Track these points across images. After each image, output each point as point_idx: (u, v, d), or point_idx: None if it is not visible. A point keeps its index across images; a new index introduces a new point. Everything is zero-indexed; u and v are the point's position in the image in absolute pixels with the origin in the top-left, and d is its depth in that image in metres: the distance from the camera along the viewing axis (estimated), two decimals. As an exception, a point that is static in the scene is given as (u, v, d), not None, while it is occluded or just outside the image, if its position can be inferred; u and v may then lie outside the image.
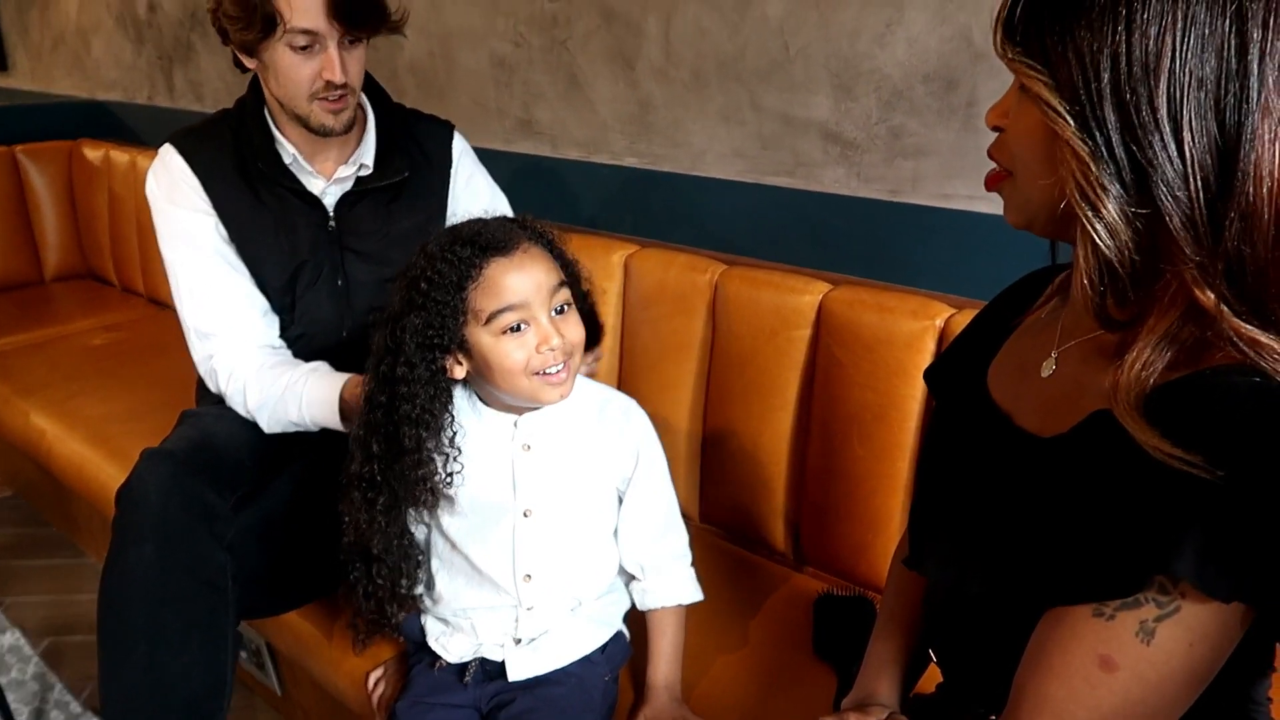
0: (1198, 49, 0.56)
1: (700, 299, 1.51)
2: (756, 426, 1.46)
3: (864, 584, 1.38)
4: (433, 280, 0.98)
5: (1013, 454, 0.73)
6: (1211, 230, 0.57)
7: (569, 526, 1.11)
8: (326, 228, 1.44)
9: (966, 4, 1.33)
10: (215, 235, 1.39)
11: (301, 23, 1.25)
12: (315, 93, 1.31)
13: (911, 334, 1.28)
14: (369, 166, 1.44)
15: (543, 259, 1.02)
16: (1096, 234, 0.59)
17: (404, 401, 1.01)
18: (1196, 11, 0.56)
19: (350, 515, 1.08)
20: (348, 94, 1.33)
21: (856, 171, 1.53)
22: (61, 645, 1.96)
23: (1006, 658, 0.67)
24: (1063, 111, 0.60)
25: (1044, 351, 0.75)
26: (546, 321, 1.00)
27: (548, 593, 1.12)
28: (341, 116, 1.34)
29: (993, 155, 0.72)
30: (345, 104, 1.34)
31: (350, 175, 1.43)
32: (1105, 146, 0.59)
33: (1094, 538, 0.60)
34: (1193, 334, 0.59)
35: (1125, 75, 0.57)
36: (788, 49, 1.54)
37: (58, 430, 1.99)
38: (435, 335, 0.99)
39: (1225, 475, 0.54)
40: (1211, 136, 0.57)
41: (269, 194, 1.40)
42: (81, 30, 3.35)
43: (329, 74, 1.28)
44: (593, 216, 1.92)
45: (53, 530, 2.39)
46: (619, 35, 1.77)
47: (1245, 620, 0.59)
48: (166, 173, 1.40)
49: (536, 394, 1.03)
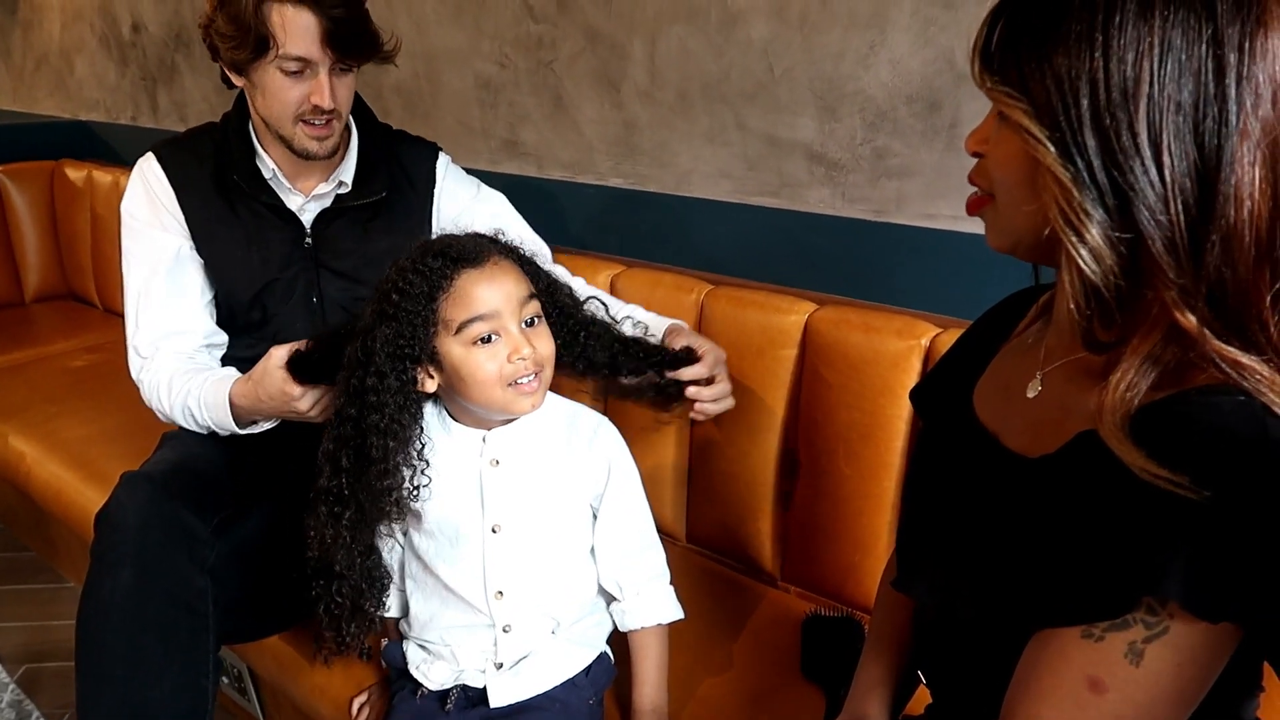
0: (1175, 74, 0.57)
1: (686, 319, 1.51)
2: (743, 446, 1.46)
3: (852, 604, 1.37)
4: (404, 291, 0.99)
5: (1000, 475, 0.73)
6: (1193, 253, 0.58)
7: (539, 542, 1.10)
8: (303, 244, 1.43)
9: (949, 26, 1.34)
10: (177, 253, 1.39)
11: (295, 49, 1.25)
12: (301, 115, 1.31)
13: (897, 353, 1.28)
14: (348, 185, 1.43)
15: (513, 271, 1.03)
16: (1081, 259, 0.60)
17: (373, 411, 1.01)
18: (1173, 37, 0.57)
19: (316, 530, 1.07)
20: (334, 119, 1.33)
21: (841, 192, 1.53)
22: (39, 672, 1.92)
23: (996, 679, 0.67)
24: (1043, 138, 0.60)
25: (1029, 372, 0.75)
26: (517, 332, 1.01)
27: (522, 611, 1.10)
28: (326, 143, 1.34)
29: (973, 180, 0.72)
30: (331, 130, 1.34)
31: (329, 192, 1.43)
32: (1087, 172, 0.59)
33: (1082, 559, 0.60)
34: (1175, 355, 0.60)
35: (1104, 101, 0.58)
36: (772, 71, 1.55)
37: (37, 453, 1.97)
38: (406, 345, 0.99)
39: (1211, 495, 0.54)
40: (1191, 160, 0.57)
41: (245, 208, 1.40)
42: (65, 50, 3.34)
43: (318, 99, 1.29)
44: (579, 237, 1.93)
45: (31, 555, 2.35)
46: (604, 57, 1.78)
47: (1234, 640, 0.59)
48: (143, 182, 1.41)
49: (509, 405, 1.03)
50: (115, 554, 1.16)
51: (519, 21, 1.90)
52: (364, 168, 1.45)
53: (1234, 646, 0.59)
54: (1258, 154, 0.57)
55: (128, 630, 1.15)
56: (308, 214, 1.43)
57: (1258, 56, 0.56)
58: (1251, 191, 0.57)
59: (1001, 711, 0.66)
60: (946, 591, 0.75)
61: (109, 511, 1.19)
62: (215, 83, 1.41)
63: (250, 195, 1.39)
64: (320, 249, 1.44)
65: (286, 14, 1.23)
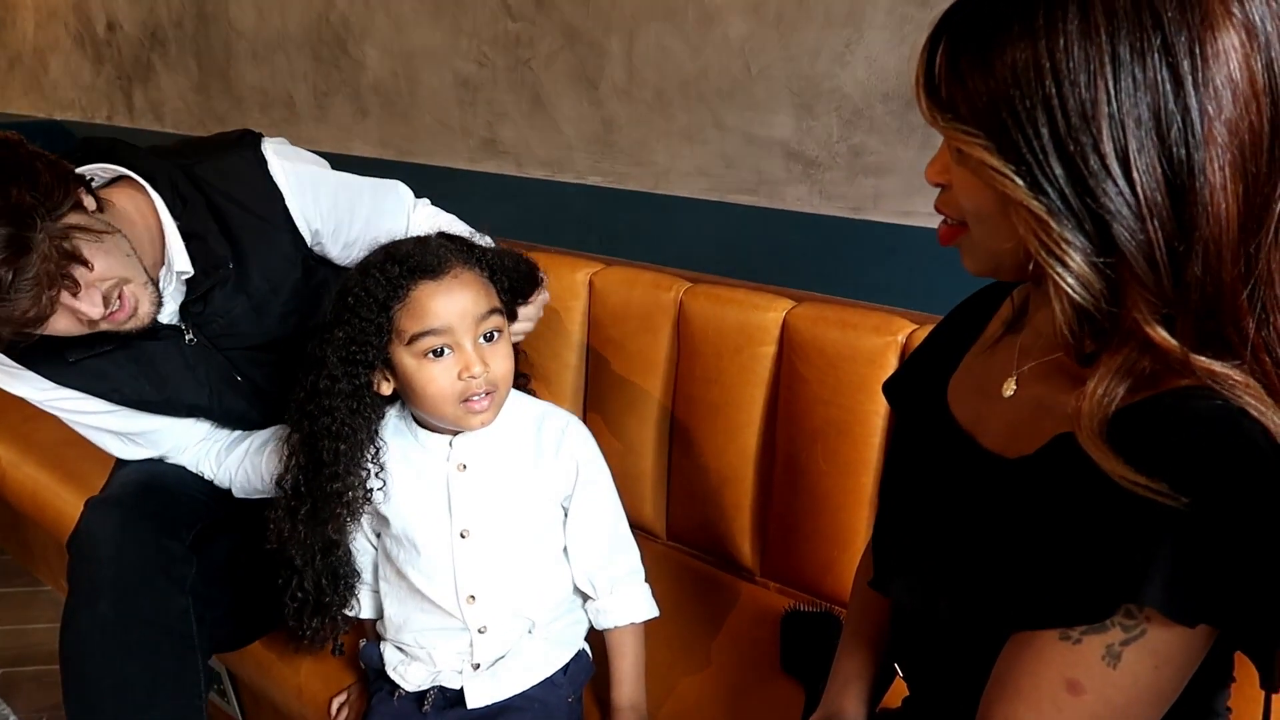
0: (1131, 89, 0.55)
1: (665, 317, 1.52)
2: (722, 443, 1.47)
3: (830, 599, 1.38)
4: (359, 296, 0.98)
5: (977, 475, 0.73)
6: (1173, 266, 0.57)
7: (509, 547, 1.10)
8: (184, 342, 1.24)
9: (924, 24, 1.34)
10: (82, 404, 1.25)
11: None
12: None
13: (874, 350, 1.29)
14: (189, 268, 1.19)
15: (474, 285, 1.01)
16: (1069, 287, 0.59)
17: (324, 414, 1.00)
18: (1121, 52, 0.55)
19: (275, 523, 1.07)
20: None
21: (819, 189, 1.54)
22: (15, 676, 1.91)
23: (973, 673, 0.68)
24: (1009, 173, 0.59)
25: (1004, 371, 0.75)
26: (471, 348, 0.99)
27: (495, 614, 1.10)
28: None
29: (941, 210, 0.71)
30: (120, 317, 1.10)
31: (173, 289, 1.21)
32: (1060, 200, 0.58)
33: (1061, 564, 0.60)
34: (1150, 364, 0.59)
35: (1065, 127, 0.56)
36: (749, 69, 1.55)
37: (12, 455, 1.95)
38: (358, 351, 0.99)
39: (1190, 502, 0.54)
40: (1161, 173, 0.56)
41: (96, 358, 1.20)
42: (39, 50, 3.31)
43: None
44: (558, 235, 1.92)
45: (7, 558, 2.33)
46: (582, 55, 1.78)
47: (1210, 639, 0.59)
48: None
49: (459, 420, 1.03)
50: (90, 587, 1.14)
51: (497, 20, 1.89)
52: (191, 238, 1.19)
53: (1209, 645, 0.60)
54: (1226, 157, 0.56)
55: (111, 661, 1.13)
56: (169, 315, 1.22)
57: (1210, 59, 0.55)
58: (1224, 197, 0.56)
59: (979, 712, 0.66)
60: (924, 592, 0.75)
61: (79, 541, 1.17)
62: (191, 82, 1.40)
63: (88, 346, 1.18)
64: (212, 336, 1.25)
65: None
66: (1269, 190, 0.57)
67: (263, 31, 2.43)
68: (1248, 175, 0.56)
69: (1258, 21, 0.55)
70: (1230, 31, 0.55)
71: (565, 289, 1.62)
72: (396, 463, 1.08)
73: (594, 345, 1.62)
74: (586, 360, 1.63)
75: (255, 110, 2.52)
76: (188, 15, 2.63)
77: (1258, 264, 0.57)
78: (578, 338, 1.62)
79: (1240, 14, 0.55)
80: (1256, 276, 0.58)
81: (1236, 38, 0.55)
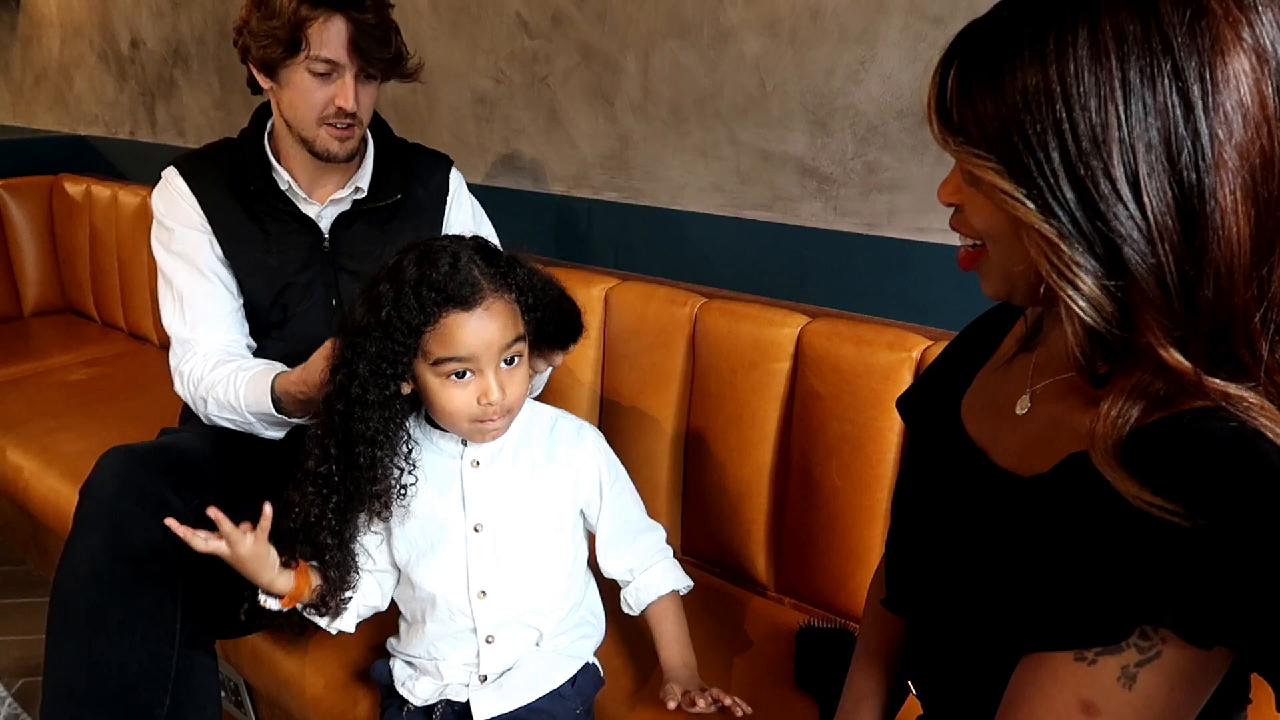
0: (1141, 114, 0.55)
1: (680, 332, 1.52)
2: (737, 459, 1.47)
3: (845, 615, 1.38)
4: (392, 318, 0.99)
5: (991, 493, 0.72)
6: (1184, 290, 0.57)
7: (521, 542, 1.12)
8: (320, 248, 1.49)
9: (938, 41, 1.35)
10: (208, 250, 1.45)
11: (324, 52, 1.32)
12: (325, 117, 1.37)
13: (889, 365, 1.29)
14: (364, 190, 1.49)
15: (503, 314, 1.02)
16: (1081, 310, 0.59)
17: (358, 422, 1.03)
18: (1130, 77, 0.55)
19: (301, 508, 1.07)
20: (355, 125, 1.39)
21: (833, 205, 1.55)
22: (36, 686, 1.92)
23: (987, 692, 0.67)
24: (1020, 197, 0.59)
25: (1018, 388, 0.75)
26: (492, 376, 1.02)
27: (504, 614, 1.11)
28: (346, 144, 1.41)
29: (956, 228, 0.71)
30: (352, 134, 1.40)
31: (346, 198, 1.49)
32: (1071, 224, 0.58)
33: (1077, 585, 0.60)
34: (1164, 386, 0.59)
35: (1075, 151, 0.57)
36: (764, 86, 1.56)
37: (34, 467, 1.98)
38: (388, 366, 1.01)
39: (1206, 524, 0.54)
40: (1172, 197, 0.56)
41: (263, 214, 1.46)
42: (64, 66, 3.35)
43: (341, 100, 1.35)
44: (573, 250, 1.94)
45: (29, 569, 2.35)
46: (598, 72, 1.80)
47: (1226, 661, 0.59)
48: (168, 190, 1.47)
49: (471, 435, 1.08)
50: (89, 521, 1.20)
51: (514, 38, 1.91)
52: (380, 173, 1.51)
53: (1227, 667, 0.59)
54: (1237, 182, 0.56)
55: (91, 593, 1.18)
56: (325, 219, 1.49)
57: (1220, 84, 0.55)
58: (1235, 221, 0.56)
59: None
60: (938, 612, 0.75)
61: (89, 482, 1.23)
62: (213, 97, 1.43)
63: (268, 203, 1.45)
64: (338, 252, 1.50)
65: (319, 18, 1.30)
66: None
67: (283, 48, 2.46)
68: (1259, 199, 0.56)
69: (1268, 46, 0.55)
70: (1240, 56, 0.55)
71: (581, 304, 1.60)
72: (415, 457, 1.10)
73: (609, 360, 1.62)
74: (601, 375, 1.64)
75: (275, 126, 2.55)
76: (209, 32, 2.67)
77: (1270, 287, 0.57)
78: (593, 353, 1.62)
79: (1250, 39, 0.55)
80: (1269, 299, 0.58)
81: (1247, 62, 0.55)
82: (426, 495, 1.10)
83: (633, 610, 1.18)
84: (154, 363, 2.60)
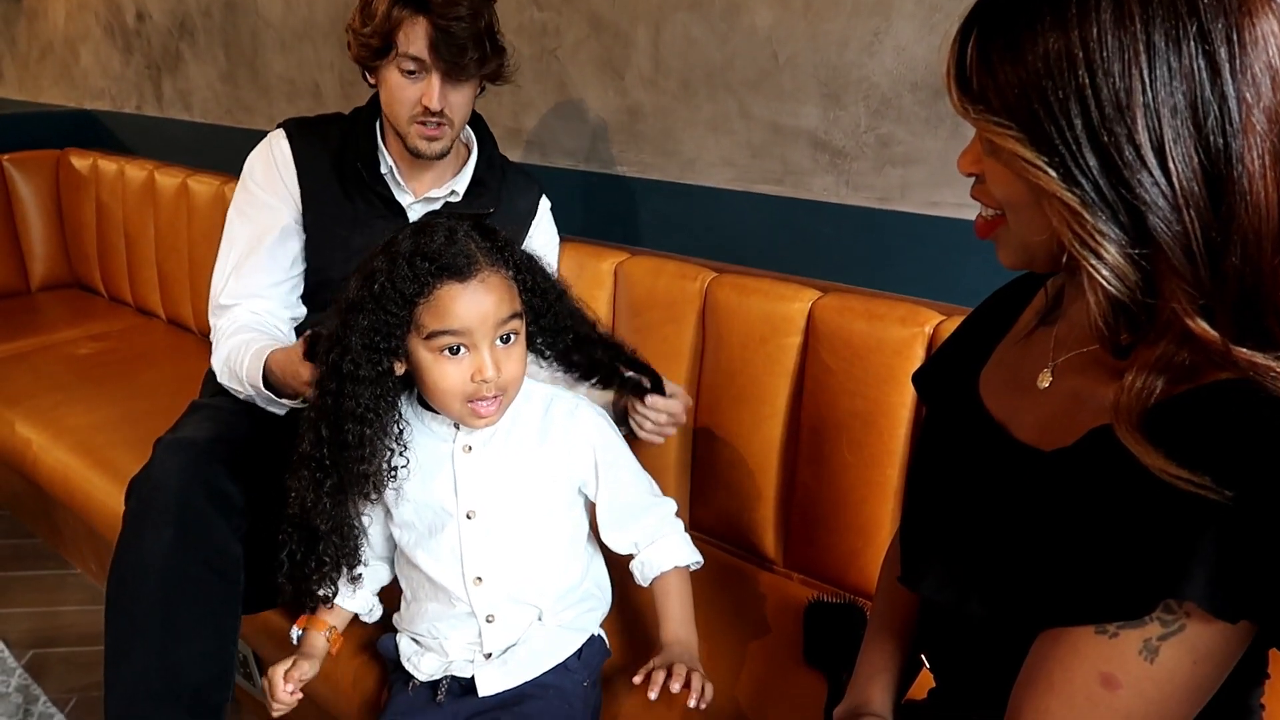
0: (1166, 77, 0.54)
1: (690, 307, 1.51)
2: (747, 434, 1.46)
3: (854, 591, 1.38)
4: (385, 289, 0.98)
5: (1012, 468, 0.72)
6: (1211, 257, 0.56)
7: (516, 527, 1.11)
8: None
9: (953, 13, 1.32)
10: (283, 227, 1.47)
11: (410, 50, 1.34)
12: (414, 116, 1.40)
13: (901, 341, 1.28)
14: (459, 194, 1.52)
15: (499, 289, 1.01)
16: (1104, 279, 0.58)
17: (348, 399, 1.01)
18: (1155, 40, 0.54)
19: (297, 492, 1.07)
20: (445, 125, 1.41)
21: (845, 179, 1.53)
22: (46, 658, 1.93)
23: (1003, 666, 0.67)
24: (1042, 165, 0.58)
25: (1039, 363, 0.74)
26: (486, 352, 1.00)
27: (502, 596, 1.11)
28: (435, 144, 1.42)
29: (977, 197, 0.70)
30: (441, 133, 1.41)
31: (440, 198, 1.52)
32: (1094, 192, 0.57)
33: (1101, 559, 0.59)
34: (1188, 356, 0.58)
35: (1099, 117, 0.56)
36: (776, 58, 1.55)
37: (43, 440, 1.98)
38: (381, 340, 0.99)
39: (1234, 496, 0.53)
40: (1198, 163, 0.55)
41: (357, 194, 1.48)
42: (69, 39, 3.34)
43: (427, 100, 1.37)
44: (583, 225, 1.92)
45: (38, 541, 2.36)
46: (608, 45, 1.78)
47: (1249, 635, 0.58)
48: (266, 152, 1.50)
49: (463, 418, 1.04)
50: (157, 515, 1.19)
51: (523, 9, 1.89)
52: (477, 183, 1.54)
53: (1249, 642, 0.59)
54: (1265, 146, 0.55)
55: (165, 589, 1.17)
56: (414, 212, 1.51)
57: (1249, 46, 0.54)
58: (1264, 185, 0.55)
59: (1009, 706, 0.65)
60: (955, 587, 0.74)
61: (148, 475, 1.22)
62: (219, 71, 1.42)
63: (365, 184, 1.48)
64: None
65: (408, 19, 1.33)
66: None
67: (290, 21, 2.44)
68: None
69: None
70: (1269, 17, 0.54)
71: (590, 279, 1.62)
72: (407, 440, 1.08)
73: (619, 335, 1.61)
74: (611, 350, 1.63)
75: (282, 100, 2.53)
76: (216, 5, 2.65)
77: None
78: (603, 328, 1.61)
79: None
80: None
81: (1276, 23, 0.54)
82: (419, 480, 1.09)
83: (643, 582, 1.18)
84: (160, 337, 2.60)
